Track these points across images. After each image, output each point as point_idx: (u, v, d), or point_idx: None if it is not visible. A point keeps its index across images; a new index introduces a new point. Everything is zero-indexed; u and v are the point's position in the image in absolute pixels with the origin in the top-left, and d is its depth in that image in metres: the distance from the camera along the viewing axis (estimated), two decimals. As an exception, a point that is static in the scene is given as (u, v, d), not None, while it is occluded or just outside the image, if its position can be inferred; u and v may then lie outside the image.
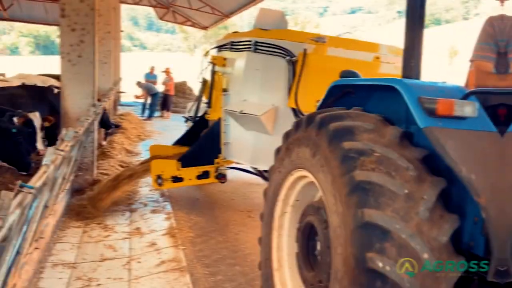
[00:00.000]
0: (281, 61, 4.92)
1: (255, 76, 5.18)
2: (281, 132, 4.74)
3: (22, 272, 3.54)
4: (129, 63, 25.54)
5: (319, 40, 4.76)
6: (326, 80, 4.08)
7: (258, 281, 4.25)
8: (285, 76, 4.89)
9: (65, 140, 3.73)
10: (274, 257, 3.12)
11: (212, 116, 6.09)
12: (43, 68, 15.83)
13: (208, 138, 5.84)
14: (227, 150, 5.72)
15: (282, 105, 4.93)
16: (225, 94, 5.65)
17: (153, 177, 5.58)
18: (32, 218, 2.80)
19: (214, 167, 5.78)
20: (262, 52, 5.06)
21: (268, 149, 4.91)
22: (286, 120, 4.75)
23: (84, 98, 6.22)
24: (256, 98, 5.19)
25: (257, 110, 4.94)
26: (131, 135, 11.00)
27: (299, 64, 4.74)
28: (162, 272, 4.34)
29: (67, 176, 4.82)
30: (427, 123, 2.03)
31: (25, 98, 6.98)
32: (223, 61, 5.85)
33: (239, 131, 5.47)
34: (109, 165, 7.77)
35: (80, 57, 6.13)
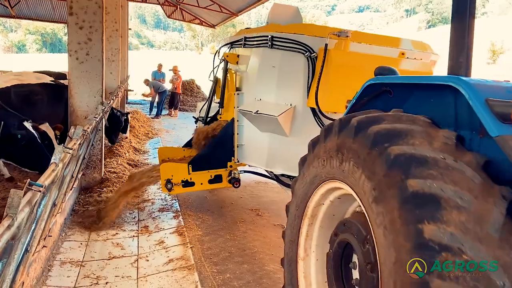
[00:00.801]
0: (299, 57, 4.61)
1: (271, 74, 4.84)
2: (299, 133, 4.65)
3: (31, 270, 3.55)
4: (136, 61, 25.61)
5: (342, 34, 4.36)
6: (349, 78, 3.94)
7: (266, 279, 4.24)
8: (304, 73, 4.60)
9: (74, 138, 3.71)
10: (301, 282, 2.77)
11: (224, 116, 5.82)
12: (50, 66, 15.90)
13: (220, 140, 5.50)
14: (241, 152, 5.45)
15: (300, 104, 4.66)
16: (238, 93, 5.37)
17: (163, 181, 5.35)
18: (40, 216, 2.79)
19: (227, 170, 5.53)
20: (279, 48, 4.72)
21: (284, 152, 4.81)
22: (305, 120, 4.63)
23: (92, 96, 6.23)
24: (272, 97, 4.87)
25: (273, 110, 4.65)
26: (139, 133, 11.03)
27: (320, 60, 4.43)
28: (170, 270, 4.33)
29: (75, 174, 4.82)
30: (501, 131, 1.70)
31: (43, 96, 6.99)
32: (236, 58, 5.59)
33: (253, 133, 5.17)
34: (117, 163, 7.80)
35: (88, 55, 6.13)
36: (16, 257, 2.32)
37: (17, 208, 1.90)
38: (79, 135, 3.78)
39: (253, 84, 5.12)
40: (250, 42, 5.25)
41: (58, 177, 3.00)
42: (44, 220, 3.03)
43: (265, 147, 5.07)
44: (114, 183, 6.65)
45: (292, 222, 2.86)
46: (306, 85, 4.59)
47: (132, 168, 8.05)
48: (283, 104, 4.72)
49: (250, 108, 4.90)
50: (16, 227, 1.96)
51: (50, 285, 3.95)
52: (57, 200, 3.57)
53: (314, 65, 4.52)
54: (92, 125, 4.80)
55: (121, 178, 7.00)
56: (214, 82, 6.35)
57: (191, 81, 18.69)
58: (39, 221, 2.79)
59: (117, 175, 7.13)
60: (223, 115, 5.84)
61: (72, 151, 3.27)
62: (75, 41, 6.06)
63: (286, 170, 4.95)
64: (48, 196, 2.84)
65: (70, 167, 3.85)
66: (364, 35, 4.80)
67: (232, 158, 5.48)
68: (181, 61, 21.52)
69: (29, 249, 2.80)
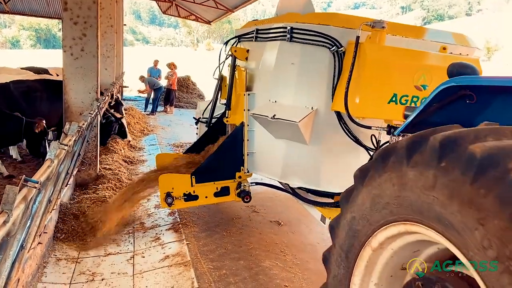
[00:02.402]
0: (324, 52, 3.93)
1: (289, 72, 4.15)
2: (320, 141, 4.12)
3: (26, 266, 3.53)
4: (131, 57, 25.48)
5: (377, 25, 3.65)
6: (385, 77, 3.53)
7: (262, 275, 4.25)
8: (329, 71, 3.94)
9: (69, 134, 3.69)
10: None
11: (232, 119, 5.14)
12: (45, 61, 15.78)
13: (227, 147, 4.83)
14: (252, 161, 4.80)
15: (323, 108, 4.02)
16: (249, 94, 4.68)
17: (162, 195, 4.74)
18: (36, 212, 2.77)
19: (236, 182, 4.88)
20: (299, 42, 4.04)
21: (302, 162, 4.28)
22: (327, 126, 4.06)
23: (87, 92, 6.19)
24: (289, 99, 4.20)
25: (293, 114, 4.00)
26: (134, 130, 10.98)
27: (349, 56, 3.77)
28: (166, 266, 4.33)
29: (71, 171, 4.79)
30: None
31: (41, 92, 6.96)
32: (245, 53, 4.94)
33: (266, 139, 4.51)
34: (112, 160, 7.77)
35: (83, 51, 6.09)
36: (11, 253, 2.31)
37: (13, 204, 1.89)
38: (74, 131, 3.76)
39: (267, 83, 4.45)
40: (263, 34, 4.59)
41: (53, 174, 2.98)
42: (39, 217, 3.01)
43: (280, 156, 4.43)
44: (109, 180, 6.62)
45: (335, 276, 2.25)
46: (331, 85, 3.95)
47: (128, 165, 8.02)
48: (302, 107, 4.06)
49: (265, 112, 4.25)
50: (11, 224, 1.95)
51: (46, 281, 3.94)
52: (52, 196, 3.55)
53: (342, 61, 3.88)
54: (87, 122, 4.77)
55: (117, 175, 6.98)
56: (219, 80, 5.73)
57: (187, 78, 18.62)
58: (34, 218, 2.78)
59: (113, 172, 7.10)
60: (230, 118, 5.16)
61: (67, 147, 3.25)
62: (69, 36, 6.01)
63: (305, 182, 4.38)
64: (43, 192, 2.82)
65: (65, 163, 3.83)
66: (400, 26, 4.11)
67: (241, 167, 4.83)
68: (176, 58, 21.43)
69: (25, 246, 2.79)
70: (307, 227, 5.50)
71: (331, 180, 4.25)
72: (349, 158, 4.13)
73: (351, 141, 3.99)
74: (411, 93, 3.56)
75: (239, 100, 4.88)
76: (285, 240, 5.11)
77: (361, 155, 4.05)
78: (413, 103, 3.55)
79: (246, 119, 4.70)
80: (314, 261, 4.67)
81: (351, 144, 4.01)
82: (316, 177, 4.26)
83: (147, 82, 15.21)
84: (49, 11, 19.37)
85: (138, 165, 8.18)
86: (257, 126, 4.63)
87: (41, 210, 3.00)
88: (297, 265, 4.53)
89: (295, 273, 4.35)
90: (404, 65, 3.56)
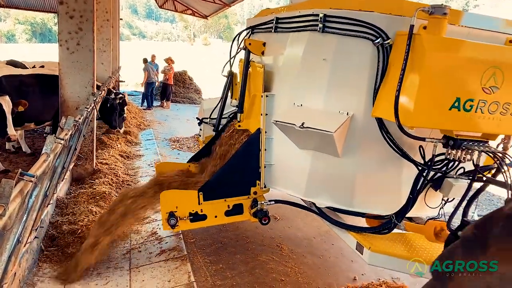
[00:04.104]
0: (365, 46, 3.18)
1: (320, 70, 3.41)
2: (354, 153, 3.39)
3: (22, 260, 3.54)
4: (128, 52, 25.36)
5: (437, 11, 2.88)
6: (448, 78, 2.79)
7: (259, 269, 4.28)
8: (370, 69, 3.19)
9: (65, 128, 3.69)
10: None
11: (245, 124, 4.49)
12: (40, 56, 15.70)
13: (241, 157, 4.13)
14: (269, 175, 4.08)
15: (361, 114, 3.28)
16: (267, 95, 3.94)
17: (164, 215, 4.01)
18: (32, 206, 2.77)
19: (250, 198, 4.15)
20: (334, 32, 3.29)
21: (332, 177, 3.61)
22: (364, 136, 3.33)
23: (83, 86, 6.17)
24: (319, 102, 3.45)
25: (326, 123, 3.28)
26: (130, 125, 10.96)
27: (397, 50, 3.04)
28: (163, 261, 4.34)
29: (67, 165, 4.78)
30: None
31: (34, 87, 6.93)
32: (261, 47, 4.21)
33: (288, 149, 3.77)
34: (109, 155, 7.76)
35: (79, 45, 6.06)
36: (7, 247, 2.31)
37: (9, 198, 1.89)
38: (71, 126, 3.75)
39: (290, 83, 3.71)
40: (286, 24, 3.83)
41: (49, 168, 2.98)
42: (35, 211, 3.01)
43: (304, 169, 3.71)
44: (106, 174, 6.62)
45: None
46: (372, 86, 3.21)
47: (124, 159, 8.01)
48: (335, 112, 3.35)
49: (291, 119, 3.50)
50: (7, 217, 1.95)
51: (42, 275, 3.95)
52: (48, 191, 3.55)
53: (387, 57, 3.13)
54: (83, 116, 4.76)
55: (113, 170, 6.97)
56: (229, 77, 5.06)
57: (183, 73, 18.56)
58: (30, 212, 2.78)
59: (109, 167, 7.09)
60: (243, 122, 4.51)
61: (63, 142, 3.24)
62: (65, 30, 5.98)
63: (334, 201, 3.70)
64: (39, 186, 2.82)
65: (62, 158, 3.82)
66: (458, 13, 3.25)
67: (257, 182, 4.11)
68: (173, 52, 21.35)
69: (21, 240, 2.79)
70: (303, 221, 5.53)
71: (366, 199, 3.56)
72: (389, 173, 3.46)
73: (392, 153, 3.23)
74: (477, 96, 2.83)
75: (254, 102, 4.19)
76: (281, 235, 5.14)
77: (404, 170, 3.39)
78: (479, 109, 2.85)
79: (264, 125, 3.96)
80: (310, 255, 4.70)
81: (392, 157, 3.29)
82: (348, 196, 3.57)
83: (146, 68, 15.11)
84: (44, 5, 19.25)
85: (134, 159, 8.17)
86: (276, 134, 3.90)
87: (37, 204, 3.00)
88: (293, 259, 4.56)
89: (291, 267, 4.38)
90: (471, 62, 2.82)
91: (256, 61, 4.32)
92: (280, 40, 3.90)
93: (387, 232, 3.52)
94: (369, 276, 4.33)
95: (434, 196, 3.36)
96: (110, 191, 5.99)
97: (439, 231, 3.29)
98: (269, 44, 4.18)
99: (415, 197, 3.22)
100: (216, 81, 22.53)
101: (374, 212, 3.66)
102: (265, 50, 4.22)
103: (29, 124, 7.00)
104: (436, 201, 3.36)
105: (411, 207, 3.26)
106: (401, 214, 3.34)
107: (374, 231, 3.58)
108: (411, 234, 3.73)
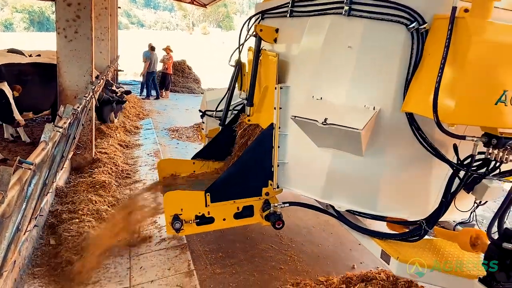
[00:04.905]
0: (397, 31, 2.84)
1: (344, 59, 3.06)
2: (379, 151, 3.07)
3: (22, 249, 3.55)
4: (126, 41, 25.20)
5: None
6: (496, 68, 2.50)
7: (258, 257, 4.30)
8: (402, 57, 2.85)
9: (63, 117, 3.67)
10: None
11: (255, 119, 4.19)
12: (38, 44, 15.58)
13: (252, 155, 3.83)
14: (283, 174, 3.75)
15: (390, 108, 2.94)
16: (281, 87, 3.57)
17: (168, 218, 3.74)
18: (31, 195, 2.77)
19: (261, 199, 3.86)
20: (362, 16, 2.95)
21: (353, 178, 3.28)
22: (391, 132, 3.01)
23: (82, 75, 6.13)
24: (342, 95, 3.10)
25: (352, 118, 2.94)
26: (130, 114, 10.94)
27: (434, 36, 2.71)
28: (163, 249, 4.36)
29: (66, 154, 4.78)
30: None
31: (34, 76, 6.90)
32: (273, 33, 3.86)
33: (304, 147, 3.43)
34: (108, 144, 7.75)
35: (77, 33, 6.01)
36: (7, 235, 2.32)
37: (7, 185, 1.88)
38: (69, 114, 3.74)
39: (308, 74, 3.35)
40: (303, 7, 3.48)
41: (48, 156, 2.97)
42: (35, 199, 3.01)
43: (322, 169, 3.38)
44: (105, 164, 6.61)
45: None
46: (403, 76, 2.87)
47: (124, 149, 8.00)
48: (361, 107, 3.00)
49: (312, 115, 3.14)
50: (6, 205, 1.95)
51: (42, 263, 3.96)
52: (47, 179, 3.54)
53: (423, 44, 2.79)
54: (82, 105, 4.74)
55: (112, 159, 6.97)
56: (237, 67, 4.74)
57: (182, 62, 18.45)
58: (30, 200, 2.78)
59: (108, 156, 7.09)
60: (253, 116, 4.19)
61: (62, 130, 3.23)
62: (63, 18, 5.92)
63: (355, 204, 3.38)
64: (38, 174, 2.82)
65: (60, 146, 3.81)
66: None
67: (270, 182, 3.80)
68: (172, 41, 21.20)
69: (20, 228, 2.79)
70: (303, 211, 5.52)
71: (391, 202, 3.25)
72: (417, 174, 3.15)
73: (421, 152, 2.94)
74: None
75: (266, 94, 3.88)
76: (281, 224, 5.14)
77: (433, 170, 3.08)
78: None
79: (277, 120, 3.62)
80: (309, 243, 4.73)
81: (421, 156, 3.00)
82: (372, 198, 3.25)
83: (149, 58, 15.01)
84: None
85: (133, 149, 8.16)
86: (291, 130, 3.58)
87: (37, 192, 3.00)
88: (292, 248, 4.58)
89: (290, 256, 4.41)
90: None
91: (268, 49, 4.00)
92: (296, 26, 3.53)
93: (417, 240, 3.13)
94: (367, 265, 4.35)
95: (465, 199, 3.02)
96: (110, 180, 5.99)
97: (475, 240, 2.91)
98: (283, 30, 3.82)
99: (449, 200, 2.89)
100: (215, 71, 22.45)
101: (400, 217, 3.33)
102: (278, 37, 3.87)
103: (28, 113, 6.98)
104: (466, 204, 3.07)
105: (444, 212, 2.93)
106: (433, 220, 2.98)
107: (402, 238, 3.21)
108: (439, 240, 3.34)
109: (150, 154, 7.75)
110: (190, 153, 8.19)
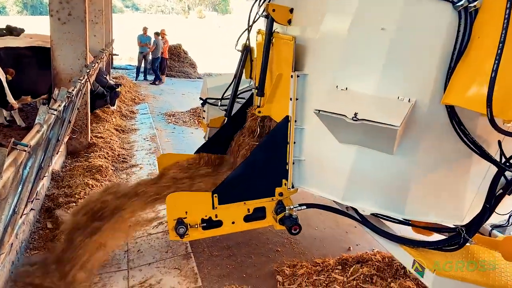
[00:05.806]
0: (442, 10, 2.47)
1: (376, 43, 2.68)
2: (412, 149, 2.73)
3: (19, 232, 3.55)
4: (121, 25, 24.86)
5: None
6: None
7: (255, 240, 4.33)
8: (445, 41, 2.48)
9: (58, 100, 3.63)
10: None
11: (266, 110, 3.75)
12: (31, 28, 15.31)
13: (264, 152, 3.44)
14: (299, 173, 3.38)
15: (427, 100, 2.59)
16: (298, 75, 3.14)
17: (171, 222, 3.37)
18: (27, 177, 2.76)
19: (275, 200, 3.47)
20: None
21: (380, 178, 2.93)
22: (428, 128, 2.67)
23: (76, 58, 6.06)
24: (371, 85, 2.71)
25: (385, 113, 2.57)
26: (125, 99, 10.86)
27: (489, 16, 2.32)
28: (161, 232, 4.37)
29: (61, 138, 4.75)
30: None
31: (31, 59, 6.82)
32: (287, 14, 3.38)
33: (324, 143, 3.06)
34: (104, 128, 7.71)
35: (70, 15, 5.91)
36: (3, 217, 2.31)
37: (2, 167, 1.87)
38: (64, 97, 3.70)
39: (331, 60, 2.94)
40: None
41: (43, 139, 2.95)
42: (31, 182, 3.00)
43: (344, 167, 3.00)
44: (101, 148, 6.59)
45: None
46: (446, 63, 2.50)
47: (120, 133, 7.97)
48: (393, 98, 2.62)
49: (338, 108, 2.72)
50: (1, 186, 1.94)
51: (39, 246, 3.97)
52: (43, 163, 3.52)
53: (471, 25, 2.41)
54: (76, 88, 4.69)
55: (109, 143, 6.94)
56: (244, 52, 4.33)
57: (178, 46, 18.25)
58: (25, 183, 2.76)
59: (104, 140, 7.06)
60: (264, 108, 3.75)
61: (56, 112, 3.20)
62: (56, 0, 5.81)
63: (382, 207, 3.01)
64: (34, 157, 2.80)
65: (55, 130, 3.78)
66: None
67: (284, 181, 3.41)
68: (167, 25, 20.94)
69: (17, 211, 2.79)
70: (300, 195, 5.54)
71: (422, 206, 2.93)
72: (453, 174, 2.82)
73: (459, 150, 2.64)
74: None
75: (280, 83, 3.47)
76: (278, 207, 5.16)
77: (471, 170, 2.76)
78: None
79: (293, 112, 3.20)
80: (306, 227, 4.73)
81: (459, 155, 2.71)
82: (401, 201, 2.92)
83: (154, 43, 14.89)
84: (34, -25, 18.68)
85: (130, 133, 8.13)
86: (310, 123, 3.18)
87: (32, 175, 2.98)
88: (289, 231, 4.61)
89: (287, 238, 4.44)
90: None
91: (281, 31, 3.56)
92: (315, 4, 3.11)
93: (455, 249, 2.78)
94: (363, 247, 4.39)
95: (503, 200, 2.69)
96: (107, 164, 5.98)
97: None
98: (299, 10, 3.33)
99: (494, 206, 2.57)
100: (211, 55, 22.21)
101: (432, 221, 3.00)
102: (293, 17, 3.39)
103: (26, 97, 6.92)
104: (505, 206, 2.80)
105: (487, 218, 2.64)
106: (475, 227, 2.67)
107: (438, 247, 2.85)
108: (475, 247, 3.02)
109: (146, 138, 7.72)
110: (187, 137, 8.19)
